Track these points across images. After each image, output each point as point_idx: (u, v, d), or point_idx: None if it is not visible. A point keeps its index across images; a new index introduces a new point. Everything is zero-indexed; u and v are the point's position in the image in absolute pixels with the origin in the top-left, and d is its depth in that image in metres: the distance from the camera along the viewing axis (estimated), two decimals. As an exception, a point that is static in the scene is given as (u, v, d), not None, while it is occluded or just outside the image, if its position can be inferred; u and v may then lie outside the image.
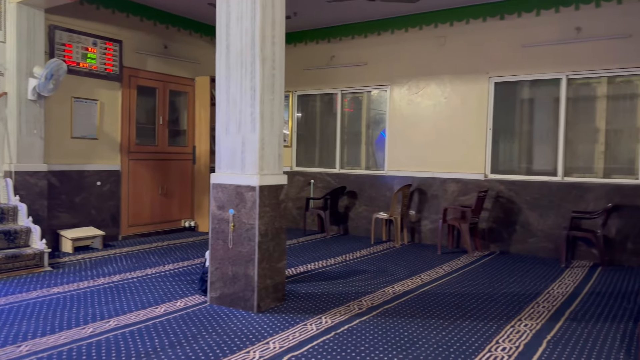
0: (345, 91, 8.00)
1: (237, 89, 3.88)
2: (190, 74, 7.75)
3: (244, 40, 3.82)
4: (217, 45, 3.98)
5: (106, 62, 6.60)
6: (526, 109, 6.69)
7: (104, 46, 6.57)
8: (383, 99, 7.70)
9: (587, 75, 6.08)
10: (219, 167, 4.01)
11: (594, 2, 5.91)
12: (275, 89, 3.94)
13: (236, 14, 3.86)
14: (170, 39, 7.51)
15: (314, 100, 8.49)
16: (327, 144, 8.27)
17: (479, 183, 6.67)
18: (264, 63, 3.80)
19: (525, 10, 6.33)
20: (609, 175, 6.00)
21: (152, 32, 7.24)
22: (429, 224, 7.08)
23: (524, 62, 6.39)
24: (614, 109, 6.03)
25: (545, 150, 6.43)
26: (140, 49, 7.07)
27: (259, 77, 3.78)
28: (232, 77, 3.90)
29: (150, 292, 4.36)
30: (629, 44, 5.74)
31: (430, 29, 7.05)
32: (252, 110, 3.81)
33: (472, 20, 6.71)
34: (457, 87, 6.87)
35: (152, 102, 7.34)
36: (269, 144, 3.88)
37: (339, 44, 7.91)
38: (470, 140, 6.76)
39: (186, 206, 7.79)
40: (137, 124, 7.07)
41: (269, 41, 3.84)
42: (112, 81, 6.71)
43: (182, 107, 7.79)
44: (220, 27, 3.96)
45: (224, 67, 3.96)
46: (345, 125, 8.12)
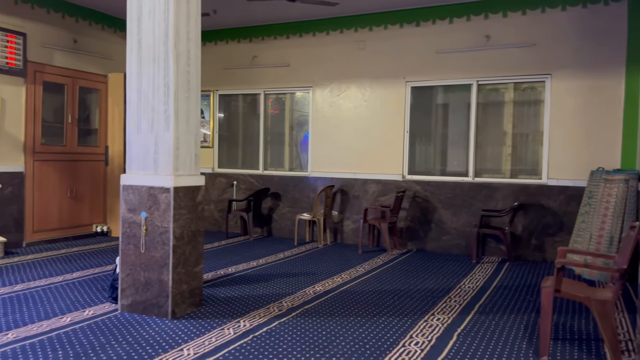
0: (268, 92, 7.94)
1: (149, 85, 3.72)
2: (102, 71, 7.35)
3: (157, 35, 3.67)
4: (128, 40, 3.80)
5: (7, 55, 6.10)
6: (441, 113, 6.99)
7: (5, 39, 6.06)
8: (307, 101, 7.73)
9: (495, 81, 6.45)
10: (130, 168, 3.82)
11: (501, 11, 6.29)
12: (191, 86, 3.82)
13: (148, 8, 3.70)
14: (81, 33, 7.08)
15: (237, 101, 8.36)
16: (251, 145, 8.17)
17: (398, 184, 6.88)
18: (178, 59, 3.68)
19: (439, 17, 6.62)
20: (516, 175, 6.40)
21: (60, 25, 6.80)
22: (351, 224, 7.19)
23: (438, 68, 6.67)
24: (520, 114, 6.44)
25: (458, 152, 6.74)
26: (46, 42, 6.60)
27: (172, 73, 3.64)
28: (144, 73, 3.74)
29: (56, 302, 4.07)
30: (533, 53, 6.16)
31: (351, 32, 7.17)
32: (165, 108, 3.67)
33: (390, 26, 6.92)
34: (377, 91, 7.04)
35: (61, 100, 6.88)
36: (185, 143, 3.76)
37: (261, 44, 7.85)
38: (389, 142, 6.95)
39: (98, 210, 7.37)
40: (44, 123, 6.59)
41: (183, 37, 3.72)
42: (15, 76, 6.21)
43: (93, 105, 7.36)
44: (132, 20, 3.78)
45: (135, 62, 3.78)
46: (268, 126, 8.06)
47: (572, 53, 5.97)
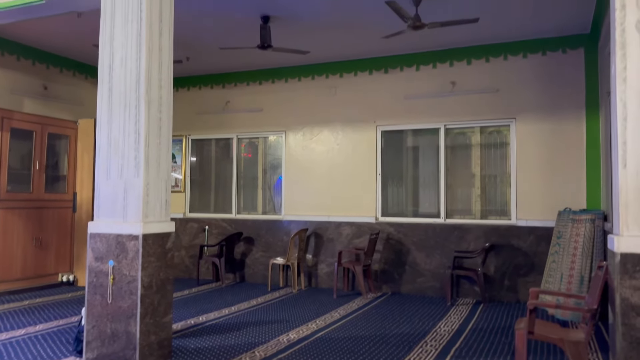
0: (241, 136, 7.98)
1: (119, 132, 3.70)
2: (73, 117, 7.29)
3: (129, 82, 3.69)
4: (99, 87, 3.80)
5: (-27, 101, 6.01)
6: (411, 156, 7.12)
7: (-29, 84, 5.99)
8: (279, 145, 7.78)
9: (462, 125, 6.65)
10: (98, 215, 3.74)
11: (465, 59, 6.55)
12: (162, 133, 3.81)
13: (120, 55, 3.73)
14: (51, 79, 7.06)
15: (209, 145, 8.36)
16: (223, 189, 8.12)
17: (371, 226, 6.89)
18: (149, 106, 3.68)
19: (407, 65, 6.85)
20: (486, 216, 6.51)
21: (30, 72, 6.77)
22: (326, 267, 7.13)
23: (406, 113, 6.85)
24: (487, 156, 6.62)
25: (429, 194, 6.84)
26: (15, 89, 6.55)
27: (144, 120, 3.64)
28: (115, 120, 3.72)
29: (17, 356, 3.86)
30: (497, 98, 6.40)
31: (322, 79, 7.34)
32: (136, 154, 3.64)
33: (360, 73, 7.12)
34: (349, 134, 7.16)
35: (29, 146, 6.75)
36: (155, 189, 3.71)
37: (234, 89, 7.95)
38: (362, 184, 7.02)
39: (64, 258, 7.13)
40: (10, 170, 6.44)
41: (155, 84, 3.74)
42: (-20, 122, 6.10)
43: (62, 151, 7.25)
44: (103, 68, 3.80)
45: (106, 109, 3.77)
46: (241, 170, 8.06)
47: (534, 98, 6.22)
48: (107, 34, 3.80)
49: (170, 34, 3.91)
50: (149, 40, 3.69)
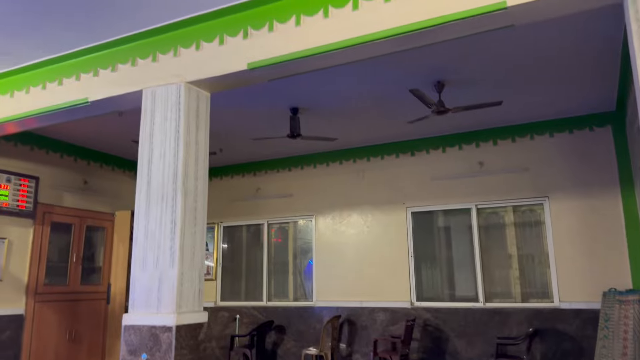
0: (271, 222, 8.06)
1: (156, 223, 3.80)
2: (110, 209, 7.54)
3: (166, 175, 3.84)
4: (138, 180, 3.96)
5: (19, 198, 6.31)
6: (443, 237, 7.02)
7: (18, 182, 6.32)
8: (309, 229, 7.81)
9: (493, 205, 6.58)
10: (133, 307, 3.74)
11: (491, 140, 6.63)
12: (197, 222, 3.89)
13: (159, 151, 3.91)
14: (91, 174, 7.41)
15: (240, 231, 8.45)
16: (254, 275, 8.08)
17: (407, 311, 6.66)
18: (186, 196, 3.80)
19: (433, 147, 6.96)
20: (527, 299, 6.23)
21: (72, 168, 7.13)
22: (360, 357, 6.83)
23: (435, 193, 6.85)
24: (522, 236, 6.47)
25: (465, 276, 6.64)
26: (58, 184, 6.87)
27: (180, 210, 3.74)
28: (152, 212, 3.83)
29: None
30: (527, 177, 6.36)
31: (350, 163, 7.50)
32: (171, 245, 3.70)
33: (387, 156, 7.25)
34: (378, 217, 7.16)
35: (67, 239, 6.96)
36: (189, 279, 3.73)
37: (265, 176, 8.16)
38: (394, 267, 6.89)
39: (96, 351, 7.05)
40: (48, 263, 6.60)
41: (192, 176, 3.88)
42: (24, 218, 6.36)
43: (99, 243, 7.43)
44: (143, 162, 3.97)
45: (144, 201, 3.90)
46: (272, 256, 8.05)
47: (565, 176, 6.17)
48: (147, 131, 4.02)
49: (206, 128, 4.11)
50: (186, 135, 3.88)
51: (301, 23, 3.44)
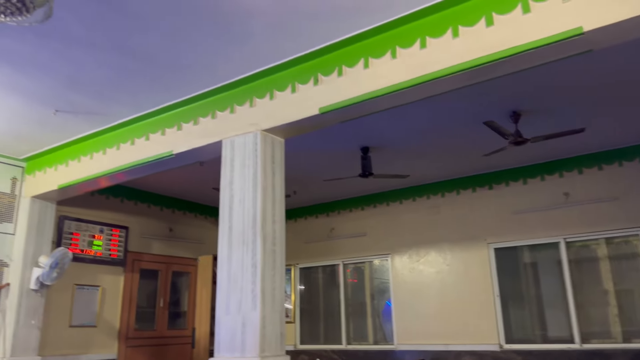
0: (346, 262, 8.03)
1: (238, 267, 3.90)
2: (193, 254, 7.85)
3: (246, 219, 3.96)
4: (220, 225, 4.11)
5: (111, 247, 6.74)
6: (530, 273, 6.63)
7: (110, 233, 6.78)
8: (385, 268, 7.68)
9: (584, 237, 6.15)
10: (218, 351, 3.82)
11: (576, 169, 6.27)
12: (276, 265, 3.96)
13: (239, 197, 4.06)
14: (176, 222, 7.79)
15: (316, 273, 8.46)
16: (332, 317, 8.01)
17: (496, 355, 6.28)
18: (264, 240, 3.89)
19: (512, 179, 6.70)
20: (629, 339, 5.69)
21: (159, 216, 7.55)
22: (448, 403, 6.48)
23: (519, 228, 6.53)
24: (618, 269, 5.97)
25: (557, 314, 6.20)
26: (145, 233, 7.29)
27: (260, 254, 3.82)
28: (234, 256, 3.95)
29: None
30: (617, 207, 5.92)
31: (424, 200, 7.36)
32: (253, 287, 3.77)
33: (462, 191, 7.06)
34: (458, 254, 6.91)
35: (154, 285, 7.30)
36: (271, 322, 3.76)
37: (338, 216, 8.19)
38: (479, 308, 6.56)
39: (183, 396, 7.22)
40: (138, 308, 6.93)
41: (269, 220, 3.98)
42: (116, 266, 6.77)
43: (183, 288, 7.72)
44: (224, 208, 4.13)
45: (226, 246, 4.03)
46: (349, 297, 7.96)
47: (662, 202, 5.69)
48: (227, 179, 4.20)
49: (281, 173, 4.24)
50: (264, 180, 4.02)
51: (369, 65, 3.51)
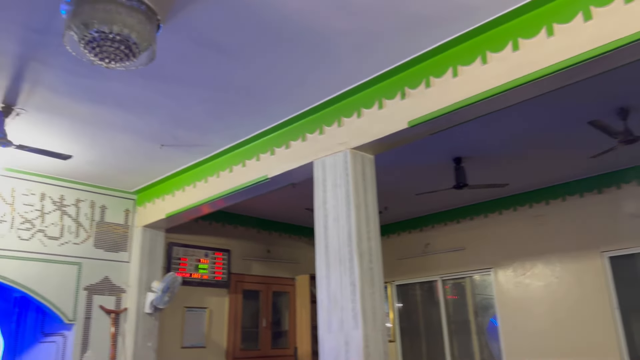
0: (445, 277, 7.77)
1: (337, 285, 3.92)
2: (290, 274, 8.04)
3: (341, 238, 3.99)
4: (317, 245, 4.17)
5: (216, 270, 7.09)
6: (655, 283, 6.00)
7: (214, 256, 7.14)
8: (487, 283, 7.33)
9: None
10: (324, 370, 3.85)
11: (699, 164, 5.64)
12: (375, 282, 3.93)
13: (333, 216, 4.11)
14: (273, 243, 8.04)
15: (414, 290, 8.28)
16: (434, 335, 7.76)
17: (620, 373, 5.72)
18: (361, 258, 3.88)
19: (625, 181, 6.14)
20: None
21: (257, 238, 7.83)
22: None
23: (636, 234, 5.95)
24: None
25: (692, 328, 5.53)
26: (246, 255, 7.59)
27: (357, 272, 3.82)
28: (332, 275, 3.98)
29: None
30: None
31: (525, 209, 6.97)
32: (353, 306, 3.77)
33: (569, 197, 6.58)
34: (568, 266, 6.43)
35: (256, 305, 7.55)
36: (374, 341, 3.72)
37: (432, 231, 7.98)
38: (595, 322, 6.03)
39: (289, 415, 7.33)
40: (242, 328, 7.19)
41: (364, 237, 3.98)
42: (221, 288, 7.10)
43: (283, 308, 7.91)
44: (319, 228, 4.20)
45: (323, 265, 4.08)
46: (450, 314, 7.68)
47: None
48: (321, 199, 4.27)
49: (373, 189, 4.23)
50: (356, 198, 4.03)
51: (458, 74, 3.43)
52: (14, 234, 5.27)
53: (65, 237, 5.62)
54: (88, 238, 5.80)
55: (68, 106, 4.10)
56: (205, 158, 5.38)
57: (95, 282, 5.74)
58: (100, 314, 5.69)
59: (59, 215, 5.62)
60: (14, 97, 3.94)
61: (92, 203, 5.92)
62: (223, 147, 5.11)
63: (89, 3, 2.68)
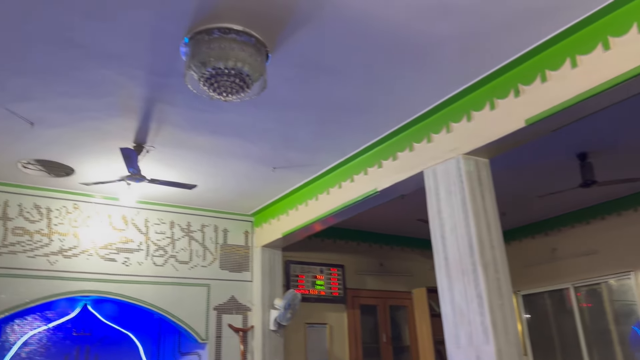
0: (577, 284, 7.15)
1: (462, 298, 3.77)
2: (405, 287, 7.89)
3: (461, 248, 3.84)
4: (435, 256, 4.06)
5: (332, 286, 7.18)
6: None
7: (329, 272, 7.24)
8: (627, 288, 6.62)
9: None
10: (455, 386, 3.69)
11: None
12: (503, 293, 3.71)
13: (449, 225, 3.98)
14: (385, 256, 7.97)
15: (542, 299, 7.71)
16: (569, 347, 7.14)
17: None
18: (486, 268, 3.70)
19: None
20: None
21: (368, 252, 7.82)
22: None
23: None
24: None
25: None
26: (359, 270, 7.60)
27: (483, 283, 3.65)
28: (455, 287, 3.84)
29: None
30: None
31: (667, 203, 6.22)
32: (482, 320, 3.60)
33: None
34: None
35: (374, 320, 7.50)
36: (508, 355, 3.51)
37: (559, 234, 7.41)
38: None
39: None
40: (363, 344, 7.17)
41: (487, 246, 3.79)
42: (338, 304, 7.16)
43: (402, 322, 7.77)
44: (436, 239, 4.08)
45: (444, 277, 3.95)
46: (586, 324, 7.02)
47: None
48: (435, 208, 4.15)
49: (491, 195, 4.03)
50: (474, 205, 3.87)
51: (578, 64, 3.17)
52: (149, 261, 5.77)
53: (194, 260, 6.04)
54: (214, 260, 6.18)
55: (190, 139, 4.44)
56: (315, 176, 5.50)
57: (223, 301, 6.08)
58: (229, 332, 6.01)
59: (187, 241, 6.07)
60: (144, 136, 4.35)
61: (215, 227, 6.32)
62: (331, 164, 5.20)
63: (205, 43, 2.89)
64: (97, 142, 4.40)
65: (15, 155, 4.60)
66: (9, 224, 5.16)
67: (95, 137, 4.32)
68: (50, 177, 5.10)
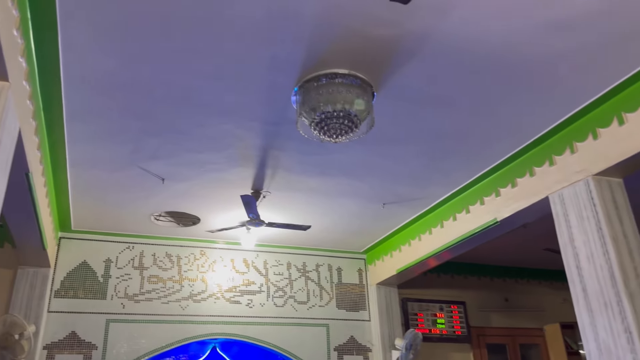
0: None
1: (607, 333, 3.39)
2: (536, 324, 7.28)
3: (602, 278, 3.48)
4: (571, 289, 3.72)
5: (454, 324, 6.84)
6: None
7: (449, 309, 6.92)
8: None
9: None
10: None
11: None
12: (657, 329, 3.28)
13: (585, 254, 3.64)
14: (509, 290, 7.46)
15: None
16: None
17: None
18: (632, 299, 3.31)
19: None
20: None
21: (490, 287, 7.38)
22: None
23: None
24: None
25: None
26: (482, 306, 7.18)
27: (630, 316, 3.26)
28: (598, 322, 3.47)
29: None
30: None
31: None
32: (633, 357, 3.19)
33: None
34: None
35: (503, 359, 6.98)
36: (673, 400, 3.06)
37: None
38: None
39: None
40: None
41: (631, 274, 3.40)
42: (462, 343, 6.79)
43: (536, 362, 7.15)
44: (570, 269, 3.75)
45: (584, 312, 3.59)
46: None
47: None
48: (565, 236, 3.83)
49: (629, 217, 3.64)
50: (611, 230, 3.51)
51: None
52: (270, 302, 5.95)
53: (311, 300, 6.12)
54: (331, 300, 6.22)
55: (302, 182, 4.58)
56: (426, 209, 5.37)
57: (342, 342, 6.05)
58: (352, 373, 5.93)
59: (304, 281, 6.18)
60: (260, 183, 4.57)
61: (329, 267, 6.38)
62: (443, 195, 5.05)
63: (314, 89, 3.01)
64: (220, 191, 4.71)
65: (148, 209, 5.07)
66: (144, 272, 5.64)
67: (218, 188, 4.64)
68: (179, 227, 5.53)
